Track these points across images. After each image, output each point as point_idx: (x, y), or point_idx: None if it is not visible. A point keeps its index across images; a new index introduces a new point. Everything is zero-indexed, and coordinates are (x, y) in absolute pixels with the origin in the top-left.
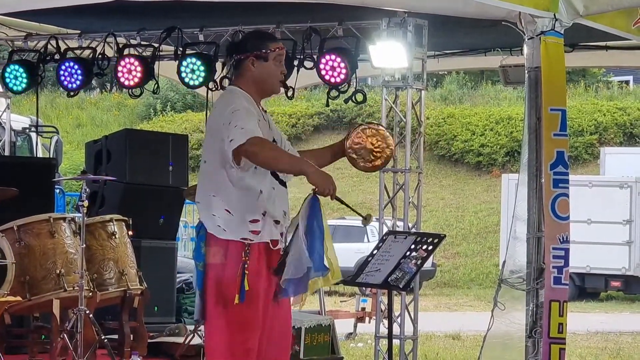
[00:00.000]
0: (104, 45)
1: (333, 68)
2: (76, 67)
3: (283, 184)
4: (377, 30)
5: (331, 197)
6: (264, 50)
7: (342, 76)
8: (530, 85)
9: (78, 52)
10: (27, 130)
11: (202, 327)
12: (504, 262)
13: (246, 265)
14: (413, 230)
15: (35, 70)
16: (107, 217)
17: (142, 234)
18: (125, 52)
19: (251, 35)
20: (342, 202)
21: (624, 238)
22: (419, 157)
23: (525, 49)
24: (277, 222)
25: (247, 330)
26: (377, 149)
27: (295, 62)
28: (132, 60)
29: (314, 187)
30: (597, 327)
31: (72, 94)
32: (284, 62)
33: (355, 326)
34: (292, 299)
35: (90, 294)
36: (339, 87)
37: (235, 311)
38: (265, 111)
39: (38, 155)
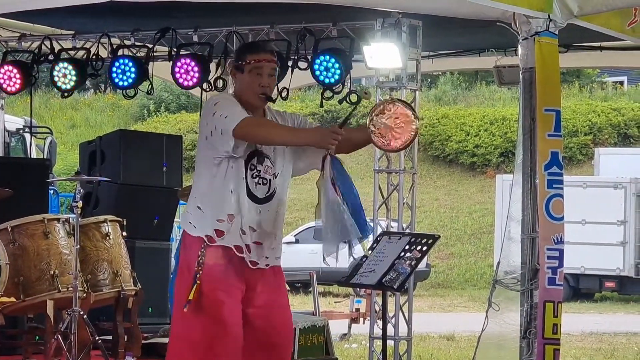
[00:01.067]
0: (98, 46)
1: (327, 69)
2: (70, 67)
3: (257, 200)
4: (372, 31)
5: (338, 142)
6: (240, 62)
7: (336, 77)
8: (525, 85)
9: (72, 52)
10: (21, 131)
11: None
12: (498, 262)
13: (199, 267)
14: (407, 231)
15: (29, 71)
16: (101, 217)
17: (136, 234)
18: (120, 52)
19: (240, 45)
20: (345, 121)
21: (618, 239)
22: (413, 158)
23: (520, 50)
24: (242, 231)
25: (206, 339)
26: (397, 129)
27: (290, 63)
28: (126, 60)
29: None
30: (592, 328)
31: (66, 94)
32: (272, 71)
33: (349, 327)
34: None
35: (85, 294)
36: (333, 88)
37: (189, 316)
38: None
39: (32, 156)
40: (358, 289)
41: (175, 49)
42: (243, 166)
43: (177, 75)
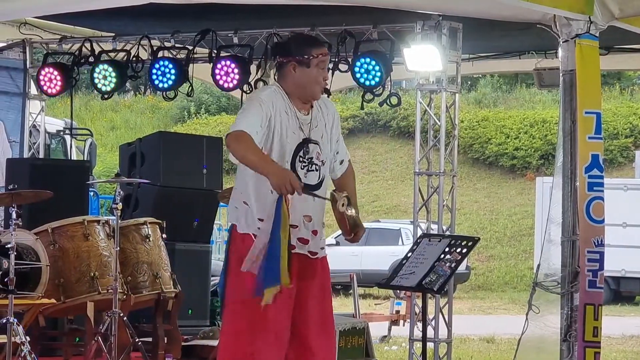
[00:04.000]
0: (138, 48)
1: (368, 71)
2: (110, 69)
3: (310, 188)
4: (412, 33)
5: (292, 193)
6: (306, 56)
7: (377, 79)
8: (565, 88)
9: (112, 54)
10: (62, 133)
11: None
12: (539, 265)
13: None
14: (447, 233)
15: (70, 73)
16: (141, 220)
17: (176, 236)
18: (160, 54)
19: (295, 39)
20: (310, 193)
21: None
22: (453, 160)
23: (560, 52)
24: (294, 226)
25: (255, 331)
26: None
27: (330, 65)
28: (166, 62)
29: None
30: (633, 331)
31: (106, 96)
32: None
33: (389, 329)
34: None
35: (124, 296)
36: (374, 90)
37: (246, 310)
38: (308, 112)
39: (72, 158)
40: (398, 291)
41: (215, 51)
42: (288, 162)
43: (217, 77)
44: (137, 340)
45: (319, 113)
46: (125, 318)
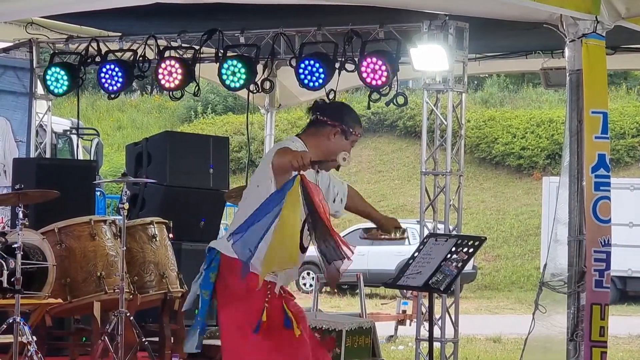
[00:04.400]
0: (144, 48)
1: (374, 71)
2: (117, 69)
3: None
4: (418, 33)
5: (306, 167)
6: (350, 130)
7: (384, 79)
8: (572, 88)
9: (119, 54)
10: (68, 133)
11: None
12: (545, 265)
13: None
14: (454, 232)
15: (76, 73)
16: (148, 219)
17: (182, 236)
18: (166, 54)
19: (349, 110)
20: (317, 163)
21: None
22: (459, 160)
23: (567, 52)
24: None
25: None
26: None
27: (337, 65)
28: (172, 62)
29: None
30: (639, 331)
31: (112, 96)
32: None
33: (396, 329)
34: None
35: (131, 296)
36: (380, 90)
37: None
38: (318, 172)
39: (79, 158)
40: (405, 290)
41: (222, 51)
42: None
43: (224, 77)
44: (143, 340)
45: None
46: (131, 318)
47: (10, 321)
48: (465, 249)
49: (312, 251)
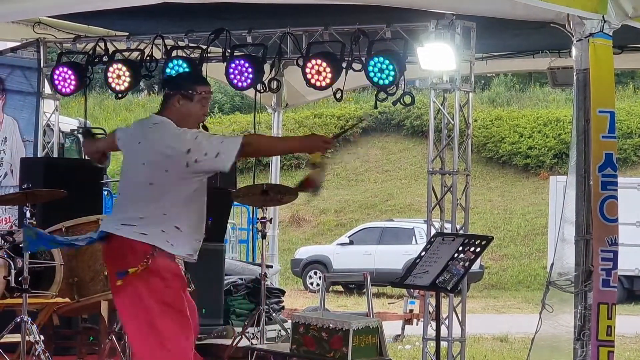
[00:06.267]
0: (152, 47)
1: (381, 70)
2: (124, 69)
3: None
4: (425, 33)
5: (330, 147)
6: (190, 91)
7: (390, 78)
8: (579, 87)
9: (126, 54)
10: (76, 132)
11: (250, 329)
12: (552, 264)
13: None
14: (461, 232)
15: (84, 72)
16: None
17: None
18: (173, 53)
19: (183, 74)
20: (341, 134)
21: None
22: (466, 159)
23: (574, 51)
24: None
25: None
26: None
27: (344, 64)
28: (180, 61)
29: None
30: None
31: (120, 95)
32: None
33: (403, 328)
34: None
35: None
36: (387, 89)
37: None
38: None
39: (86, 157)
40: (412, 290)
41: (229, 50)
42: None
43: (231, 77)
44: None
45: None
46: None
47: (18, 320)
48: (472, 249)
49: (319, 250)
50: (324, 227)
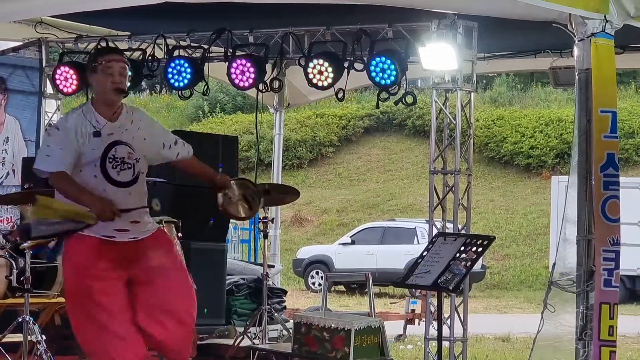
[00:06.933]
0: (153, 47)
1: (383, 70)
2: None
3: (119, 184)
4: (427, 32)
5: (113, 219)
6: (93, 64)
7: (392, 78)
8: (581, 87)
9: (128, 53)
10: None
11: (251, 329)
12: (554, 264)
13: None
14: (463, 232)
15: (85, 72)
16: (157, 218)
17: (191, 235)
18: (175, 53)
19: (91, 51)
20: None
21: None
22: (468, 159)
23: (576, 51)
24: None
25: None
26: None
27: (346, 64)
28: (181, 61)
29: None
30: None
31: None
32: (122, 70)
33: (404, 328)
34: None
35: None
36: (389, 89)
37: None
38: (117, 118)
39: None
40: (413, 290)
41: (231, 50)
42: (96, 165)
43: (233, 76)
44: None
45: (128, 118)
46: None
47: (20, 320)
48: (474, 248)
49: (321, 250)
50: (326, 227)
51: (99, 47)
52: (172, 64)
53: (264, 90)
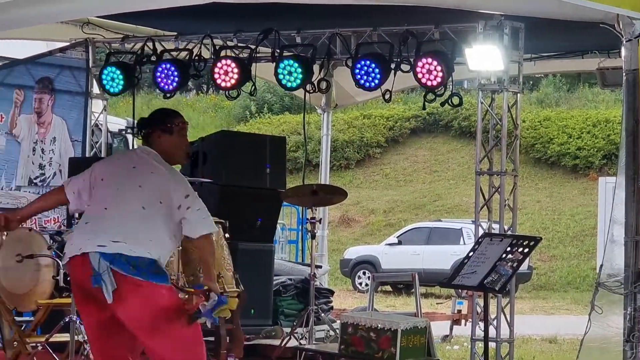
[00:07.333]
0: (200, 47)
1: (430, 71)
2: (172, 68)
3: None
4: (474, 33)
5: None
6: (168, 125)
7: (439, 79)
8: (628, 87)
9: (174, 53)
10: (124, 132)
11: (298, 330)
12: (601, 265)
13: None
14: (509, 232)
15: (132, 72)
16: None
17: (239, 236)
18: (222, 53)
19: (157, 112)
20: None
21: None
22: (514, 160)
23: (623, 51)
24: None
25: None
26: None
27: (392, 65)
28: (228, 61)
29: None
30: None
31: (168, 95)
32: None
33: (451, 328)
34: None
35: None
36: (436, 90)
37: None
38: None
39: None
40: (460, 290)
41: (278, 50)
42: None
43: (281, 77)
44: None
45: None
46: None
47: (67, 320)
48: (520, 249)
49: (368, 250)
50: (373, 228)
51: (166, 109)
52: (219, 64)
53: (312, 91)
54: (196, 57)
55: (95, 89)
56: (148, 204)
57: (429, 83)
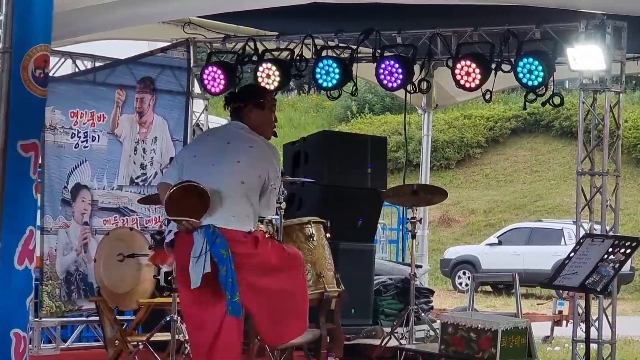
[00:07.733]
0: (301, 47)
1: (530, 71)
2: (274, 68)
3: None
4: (575, 33)
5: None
6: (261, 100)
7: (540, 79)
8: None
9: (276, 53)
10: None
11: (398, 329)
12: None
13: None
14: (611, 233)
15: (233, 72)
16: (305, 219)
17: (340, 236)
18: (323, 53)
19: (249, 86)
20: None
21: None
22: (616, 160)
23: None
24: None
25: None
26: None
27: (493, 65)
28: (330, 61)
29: None
30: None
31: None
32: None
33: (552, 329)
34: None
35: None
36: (537, 90)
37: None
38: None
39: None
40: (561, 291)
41: (379, 51)
42: None
43: (381, 77)
44: None
45: None
46: None
47: (168, 319)
48: (622, 250)
49: (468, 250)
50: (473, 228)
51: (258, 85)
52: (321, 64)
53: (412, 91)
54: (297, 57)
55: (197, 89)
56: (247, 179)
57: (529, 83)
